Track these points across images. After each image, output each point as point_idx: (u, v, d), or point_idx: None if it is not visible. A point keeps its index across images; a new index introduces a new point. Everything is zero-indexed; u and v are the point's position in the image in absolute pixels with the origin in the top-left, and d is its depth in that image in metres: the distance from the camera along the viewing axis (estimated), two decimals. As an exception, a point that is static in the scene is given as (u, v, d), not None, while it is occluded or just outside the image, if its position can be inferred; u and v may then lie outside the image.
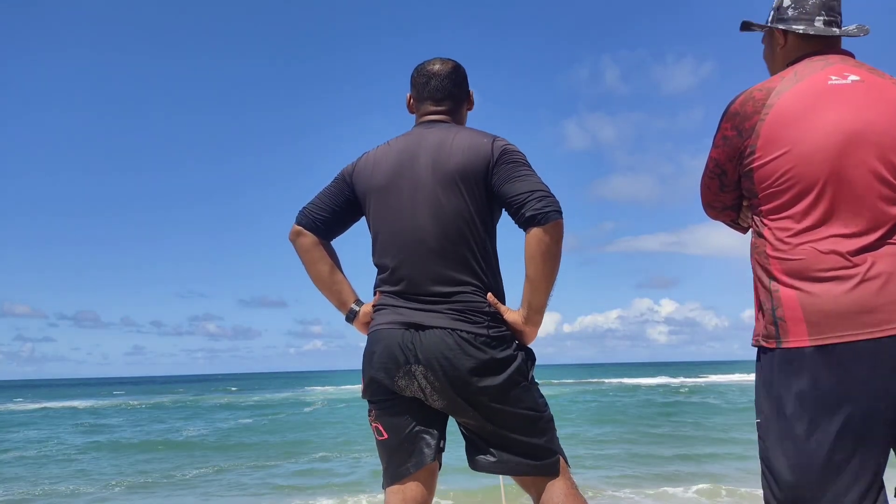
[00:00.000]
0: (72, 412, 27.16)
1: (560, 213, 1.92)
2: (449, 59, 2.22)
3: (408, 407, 2.02)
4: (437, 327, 1.96)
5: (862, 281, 1.60)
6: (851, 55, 1.84)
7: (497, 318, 2.00)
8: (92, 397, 43.14)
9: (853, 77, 1.73)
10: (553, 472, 1.99)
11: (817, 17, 1.84)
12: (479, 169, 1.99)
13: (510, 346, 2.01)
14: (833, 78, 1.73)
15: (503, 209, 2.06)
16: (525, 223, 1.93)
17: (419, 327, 1.98)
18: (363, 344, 2.12)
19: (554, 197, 1.94)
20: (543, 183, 1.97)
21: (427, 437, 2.02)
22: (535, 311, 2.00)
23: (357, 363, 2.11)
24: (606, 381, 51.19)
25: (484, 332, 1.96)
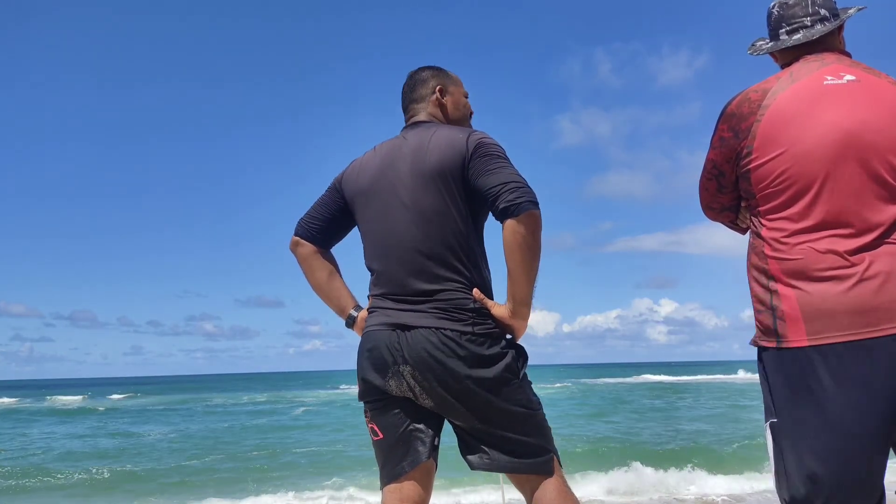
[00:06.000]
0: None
1: (534, 203, 1.90)
2: (415, 69, 2.29)
3: (401, 406, 2.04)
4: (422, 327, 1.97)
5: (860, 280, 1.60)
6: (848, 54, 1.84)
7: (483, 314, 2.00)
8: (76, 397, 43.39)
9: (849, 77, 1.73)
10: (546, 470, 2.00)
11: (807, 19, 1.84)
12: (455, 166, 2.00)
13: (498, 343, 2.00)
14: (829, 78, 1.73)
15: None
16: (500, 215, 1.93)
17: (405, 328, 1.99)
18: None
19: (528, 187, 1.92)
20: (518, 174, 1.96)
21: (421, 435, 2.03)
22: (519, 304, 2.00)
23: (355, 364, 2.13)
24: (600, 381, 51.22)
25: (469, 329, 1.96)
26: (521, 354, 2.05)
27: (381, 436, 2.06)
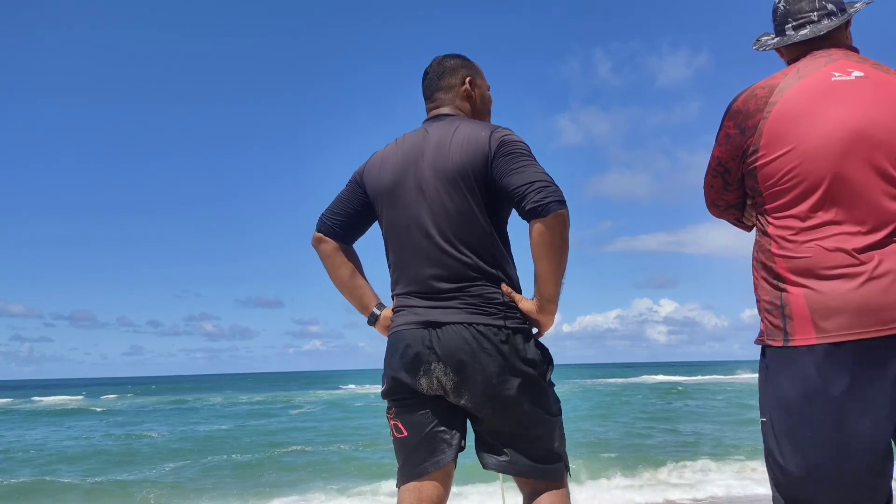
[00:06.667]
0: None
1: (562, 202, 1.88)
2: (443, 56, 2.23)
3: (429, 406, 2.02)
4: (453, 323, 1.96)
5: (869, 279, 1.58)
6: (856, 50, 1.82)
7: (512, 308, 1.99)
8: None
9: (857, 73, 1.71)
10: (558, 478, 2.01)
11: (814, 14, 1.81)
12: (478, 165, 1.97)
13: (528, 341, 2.00)
14: (836, 74, 1.71)
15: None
16: (526, 216, 1.91)
17: (436, 325, 1.98)
18: (363, 344, 2.17)
19: (555, 186, 1.90)
20: (544, 172, 1.93)
21: (447, 437, 2.02)
22: (547, 301, 1.99)
23: (359, 363, 2.12)
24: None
25: (500, 322, 1.95)
26: (548, 358, 2.05)
27: (405, 433, 2.05)
